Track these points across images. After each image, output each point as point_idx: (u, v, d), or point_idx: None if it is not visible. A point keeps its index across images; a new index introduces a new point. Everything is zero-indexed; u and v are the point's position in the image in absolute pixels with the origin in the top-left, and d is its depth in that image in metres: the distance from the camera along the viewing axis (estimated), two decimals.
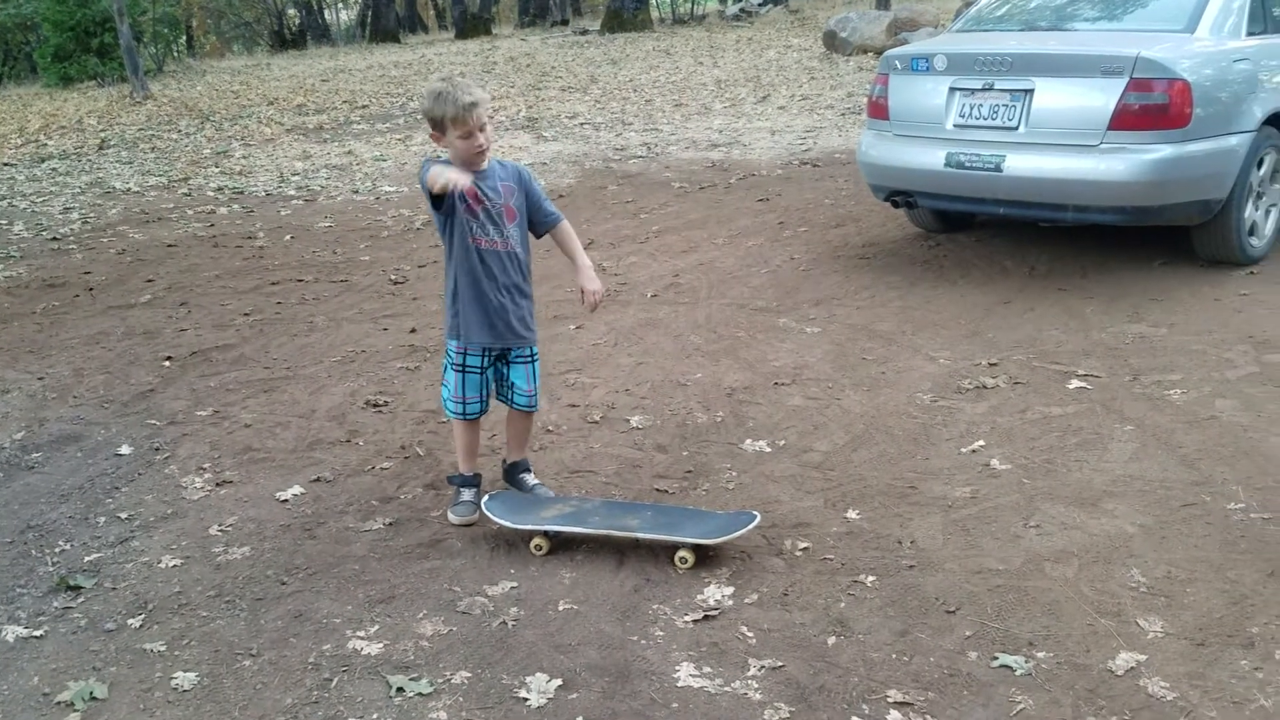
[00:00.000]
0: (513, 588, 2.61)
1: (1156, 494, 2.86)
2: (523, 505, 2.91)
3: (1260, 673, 2.10)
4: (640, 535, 2.73)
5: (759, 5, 21.95)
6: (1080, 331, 4.13)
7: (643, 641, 2.35)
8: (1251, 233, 4.70)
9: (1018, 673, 2.15)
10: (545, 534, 2.77)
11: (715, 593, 2.53)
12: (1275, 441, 3.09)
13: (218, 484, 3.31)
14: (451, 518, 2.97)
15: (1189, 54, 4.40)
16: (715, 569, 2.64)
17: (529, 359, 3.00)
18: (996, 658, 2.20)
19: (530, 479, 3.11)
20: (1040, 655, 2.20)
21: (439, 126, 2.75)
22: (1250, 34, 4.69)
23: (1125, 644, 2.22)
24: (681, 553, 2.66)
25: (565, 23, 24.87)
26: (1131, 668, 2.14)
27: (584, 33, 19.93)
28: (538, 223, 2.97)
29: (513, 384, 3.00)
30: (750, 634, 2.36)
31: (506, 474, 3.16)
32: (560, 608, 2.51)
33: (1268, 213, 4.80)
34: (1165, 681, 2.10)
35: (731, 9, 22.46)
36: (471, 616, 2.49)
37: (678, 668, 2.24)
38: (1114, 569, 2.52)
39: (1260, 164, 4.62)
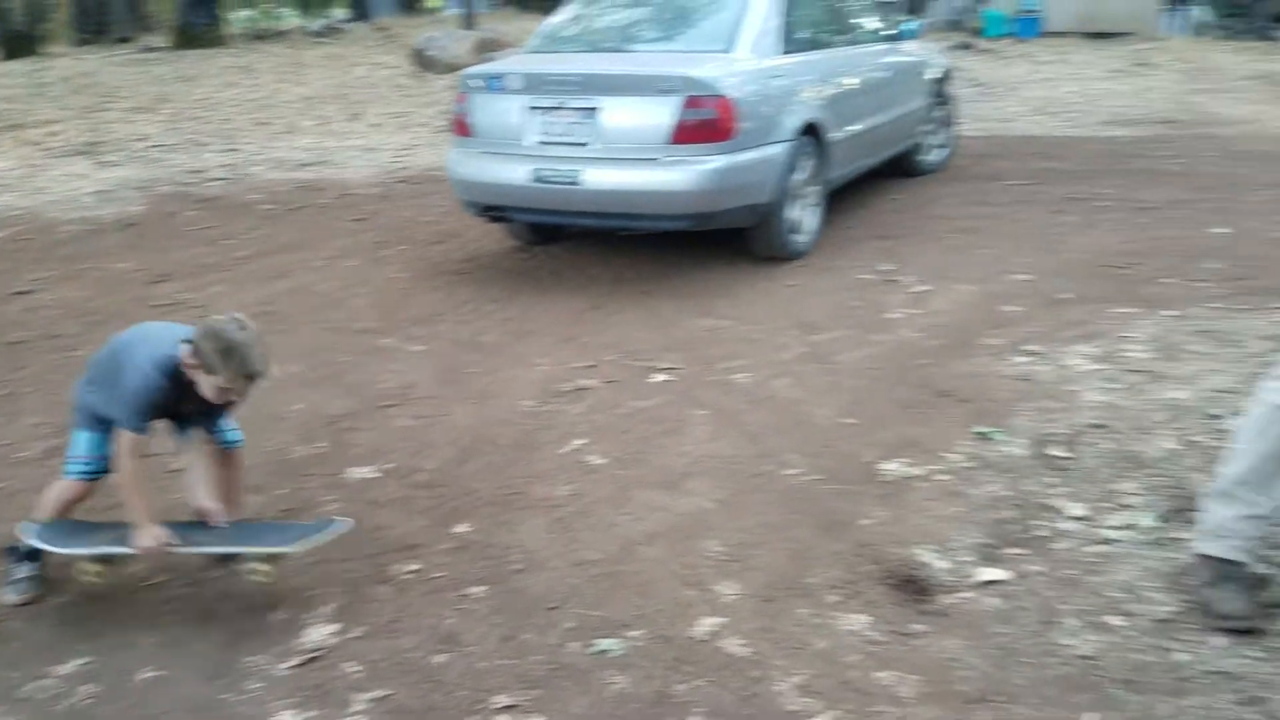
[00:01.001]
0: (85, 663, 2.34)
1: (729, 469, 3.16)
2: (73, 530, 2.62)
3: (817, 619, 2.39)
4: (209, 550, 2.55)
5: (344, 21, 21.43)
6: (661, 329, 4.45)
7: (238, 698, 2.21)
8: (795, 231, 5.32)
9: (613, 654, 2.28)
10: (100, 558, 2.52)
11: (317, 634, 2.44)
12: (821, 411, 3.53)
13: None
14: (9, 596, 2.61)
15: (733, 72, 4.89)
16: (316, 608, 2.54)
17: None
18: (593, 644, 2.32)
19: None
20: (634, 634, 2.36)
21: (208, 369, 2.44)
22: (785, 52, 5.30)
23: (707, 611, 2.43)
24: (254, 565, 2.53)
25: (129, 40, 22.71)
26: (713, 631, 2.35)
27: (151, 50, 18.33)
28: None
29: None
30: (357, 668, 2.30)
31: None
32: (142, 676, 2.29)
33: (808, 212, 5.44)
34: (741, 639, 2.32)
35: (315, 25, 21.74)
36: (35, 702, 2.21)
37: (275, 718, 2.13)
38: (696, 543, 2.75)
39: (799, 169, 5.22)
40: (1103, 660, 2.15)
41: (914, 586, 2.48)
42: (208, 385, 2.47)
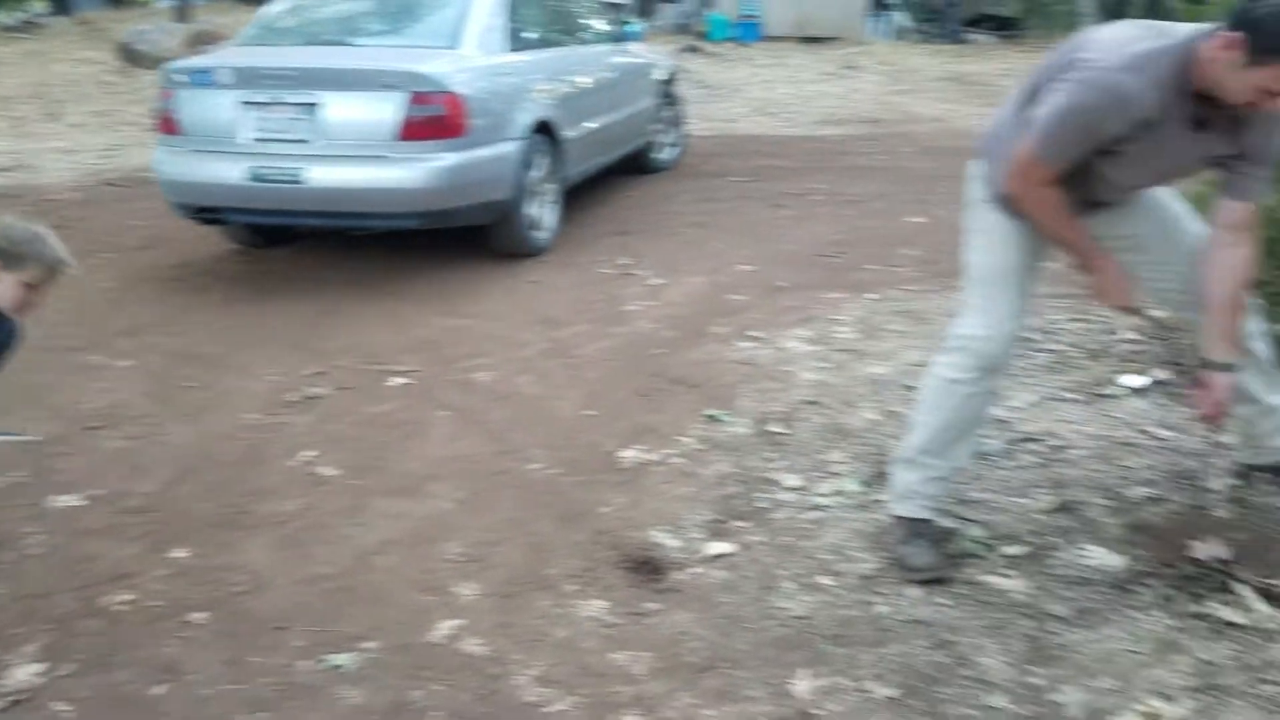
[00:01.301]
0: None
1: (470, 470, 3.14)
2: None
3: (558, 609, 2.43)
4: None
5: (43, 16, 19.48)
6: (400, 331, 4.36)
7: None
8: (536, 227, 5.35)
9: (347, 669, 2.22)
10: None
11: (21, 674, 2.23)
12: (562, 405, 3.58)
13: None
14: None
15: (461, 69, 4.87)
16: (19, 648, 2.31)
17: None
18: (325, 660, 2.25)
19: None
20: (368, 646, 2.30)
21: (10, 262, 2.29)
22: (512, 50, 5.32)
23: (445, 614, 2.41)
24: None
25: None
26: (451, 634, 2.34)
27: None
28: None
29: None
30: (67, 708, 2.13)
31: None
32: None
33: (547, 209, 5.49)
34: (480, 639, 2.32)
35: (10, 20, 19.62)
36: None
37: None
38: (435, 546, 2.72)
39: (534, 166, 5.26)
40: (815, 618, 2.32)
41: (649, 567, 2.56)
42: (8, 287, 2.35)
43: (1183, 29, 2.12)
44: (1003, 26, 18.49)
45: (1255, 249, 2.30)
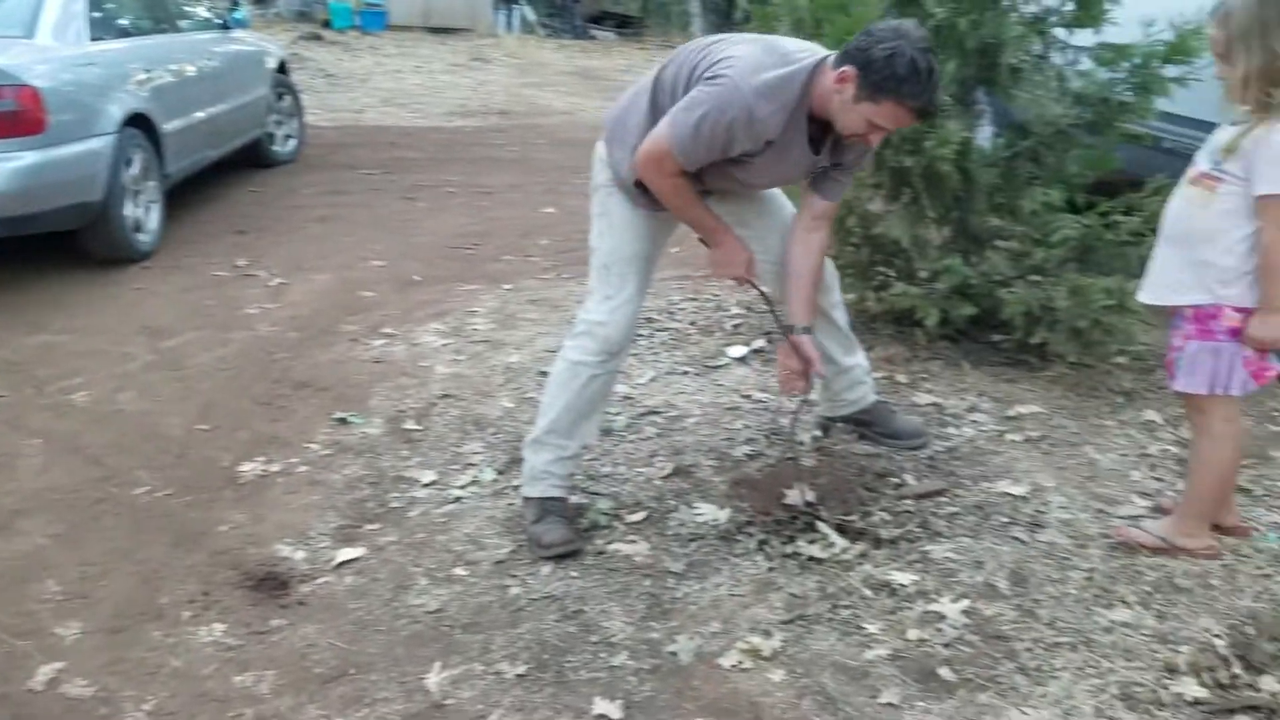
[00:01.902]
0: None
1: (68, 500, 2.85)
2: None
3: (171, 638, 2.26)
4: None
5: None
6: None
7: None
8: (138, 229, 4.92)
9: None
10: None
11: None
12: (172, 420, 3.33)
13: None
14: None
15: (35, 59, 4.39)
16: None
17: None
18: None
19: None
20: None
21: None
22: (95, 40, 4.84)
23: (45, 658, 2.19)
24: None
25: None
26: (52, 678, 2.12)
27: None
28: None
29: None
30: None
31: None
32: None
33: (149, 208, 5.06)
34: (85, 680, 2.12)
35: None
36: None
37: None
38: (29, 587, 2.44)
39: (131, 163, 4.82)
40: (449, 610, 2.34)
41: (273, 583, 2.45)
42: None
43: (806, 55, 2.29)
44: (623, 24, 19.38)
45: (833, 234, 2.63)
